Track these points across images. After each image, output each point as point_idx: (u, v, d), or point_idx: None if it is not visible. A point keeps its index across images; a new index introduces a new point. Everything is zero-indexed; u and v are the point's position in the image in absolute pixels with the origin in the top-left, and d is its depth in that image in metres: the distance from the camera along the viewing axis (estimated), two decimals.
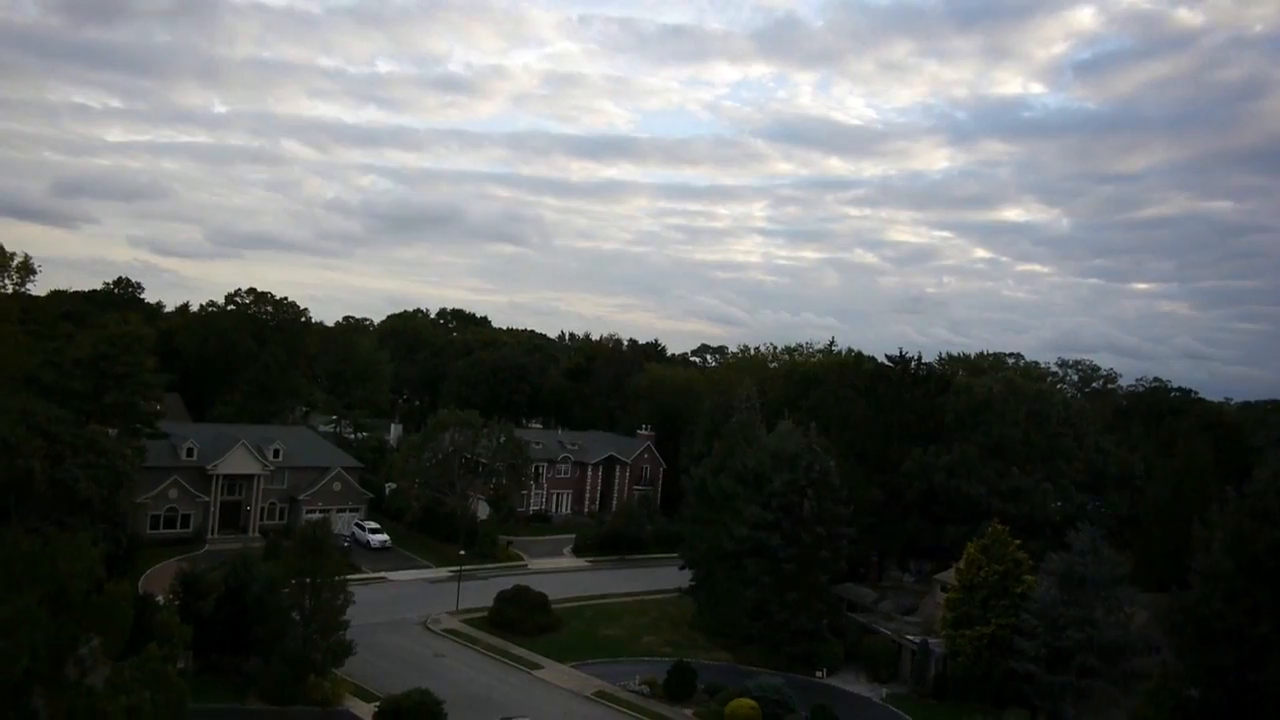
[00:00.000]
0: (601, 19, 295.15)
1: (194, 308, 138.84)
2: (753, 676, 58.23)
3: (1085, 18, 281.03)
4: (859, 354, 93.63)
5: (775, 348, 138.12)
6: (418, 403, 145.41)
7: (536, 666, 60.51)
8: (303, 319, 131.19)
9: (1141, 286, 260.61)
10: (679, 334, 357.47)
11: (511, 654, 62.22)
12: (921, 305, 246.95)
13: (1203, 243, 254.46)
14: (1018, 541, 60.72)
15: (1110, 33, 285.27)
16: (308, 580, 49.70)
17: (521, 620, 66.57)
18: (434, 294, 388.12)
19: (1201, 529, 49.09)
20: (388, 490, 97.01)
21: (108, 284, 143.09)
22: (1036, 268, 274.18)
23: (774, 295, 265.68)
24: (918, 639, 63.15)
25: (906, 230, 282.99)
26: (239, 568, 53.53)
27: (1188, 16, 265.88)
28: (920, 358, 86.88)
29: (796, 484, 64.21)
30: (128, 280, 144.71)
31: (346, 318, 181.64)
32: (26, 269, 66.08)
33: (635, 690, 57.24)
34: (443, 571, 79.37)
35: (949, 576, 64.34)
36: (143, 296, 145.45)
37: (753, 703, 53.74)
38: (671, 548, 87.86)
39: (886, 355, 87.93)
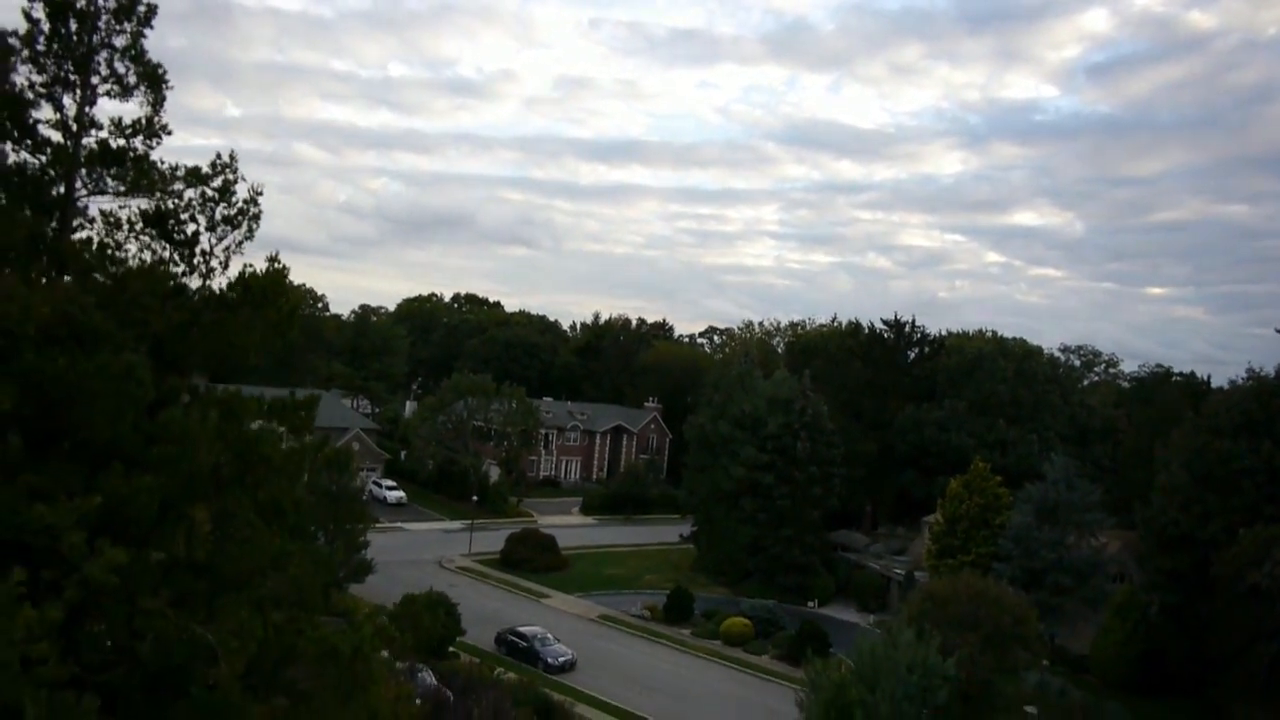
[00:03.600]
0: (611, 22, 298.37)
1: None
2: (747, 602, 61.98)
3: (1097, 20, 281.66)
4: (857, 322, 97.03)
5: (780, 323, 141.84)
6: (432, 384, 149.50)
7: (545, 596, 64.44)
8: (319, 304, 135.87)
9: (1156, 291, 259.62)
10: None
11: (521, 586, 66.15)
12: (934, 309, 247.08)
13: (1218, 247, 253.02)
14: (998, 478, 64.24)
15: (1123, 35, 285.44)
16: (331, 498, 53.70)
17: (531, 559, 70.42)
18: (447, 295, 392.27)
19: (1163, 450, 52.54)
20: (403, 455, 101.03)
21: None
22: (1050, 272, 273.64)
23: (785, 298, 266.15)
24: (904, 572, 66.70)
25: (919, 234, 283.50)
26: None
27: (1200, 19, 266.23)
28: (914, 320, 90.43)
29: (790, 426, 67.92)
30: None
31: (363, 306, 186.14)
32: None
33: (637, 615, 61.06)
34: (456, 524, 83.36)
35: (936, 517, 67.82)
36: None
37: (746, 620, 57.57)
38: (675, 510, 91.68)
39: (883, 319, 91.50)
